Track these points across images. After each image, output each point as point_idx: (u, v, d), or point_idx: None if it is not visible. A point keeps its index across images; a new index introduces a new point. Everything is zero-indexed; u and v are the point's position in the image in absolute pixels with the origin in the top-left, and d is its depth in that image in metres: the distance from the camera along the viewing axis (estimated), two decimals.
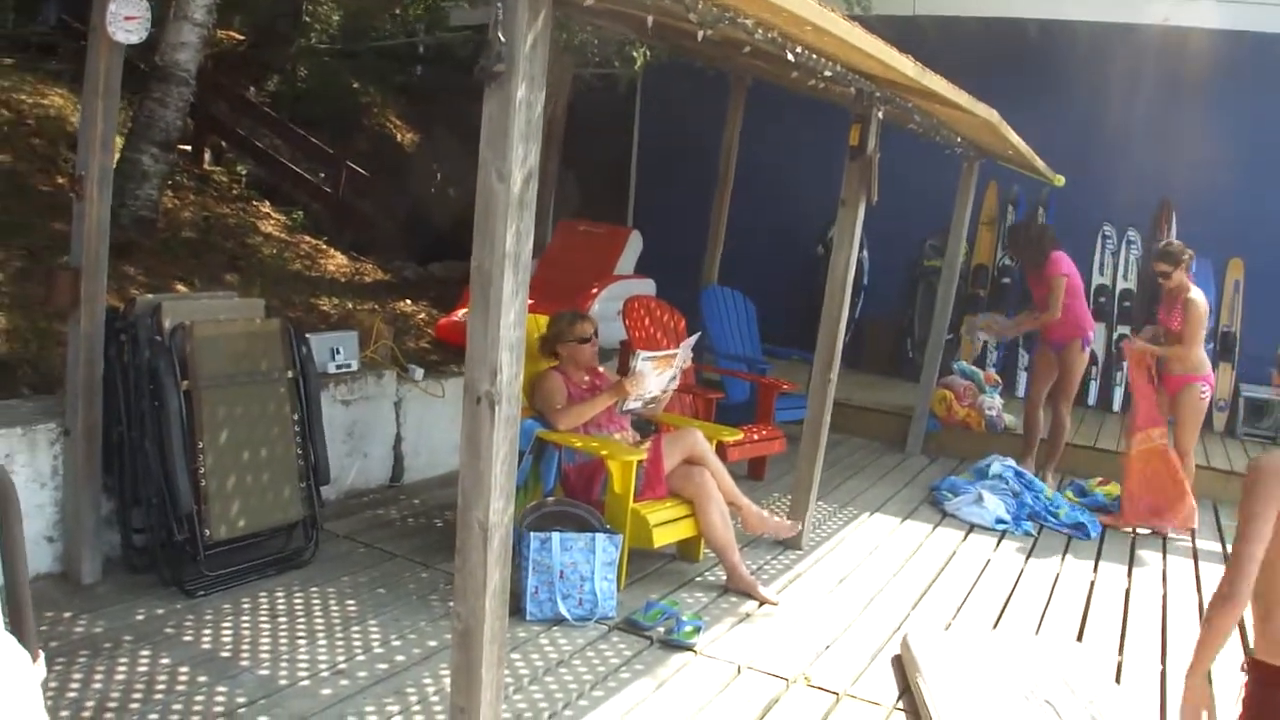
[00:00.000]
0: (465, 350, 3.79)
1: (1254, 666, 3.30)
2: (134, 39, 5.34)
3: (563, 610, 5.54)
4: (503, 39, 3.45)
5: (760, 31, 4.73)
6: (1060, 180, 10.60)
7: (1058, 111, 12.00)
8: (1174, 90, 12.26)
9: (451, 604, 4.12)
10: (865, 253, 13.21)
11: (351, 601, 5.65)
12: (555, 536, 5.61)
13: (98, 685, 4.51)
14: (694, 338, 7.08)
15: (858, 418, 10.89)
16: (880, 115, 6.63)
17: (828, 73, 5.63)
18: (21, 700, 2.23)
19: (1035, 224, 10.49)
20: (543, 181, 12.61)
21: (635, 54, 10.59)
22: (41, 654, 2.42)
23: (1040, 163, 9.91)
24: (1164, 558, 7.96)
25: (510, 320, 3.67)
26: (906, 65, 5.72)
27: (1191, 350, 8.39)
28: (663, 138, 14.48)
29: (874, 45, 5.24)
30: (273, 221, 11.98)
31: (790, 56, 5.12)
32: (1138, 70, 12.30)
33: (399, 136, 16.72)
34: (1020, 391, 12.08)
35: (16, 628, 2.36)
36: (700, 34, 4.53)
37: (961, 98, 6.74)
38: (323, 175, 13.78)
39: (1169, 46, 11.96)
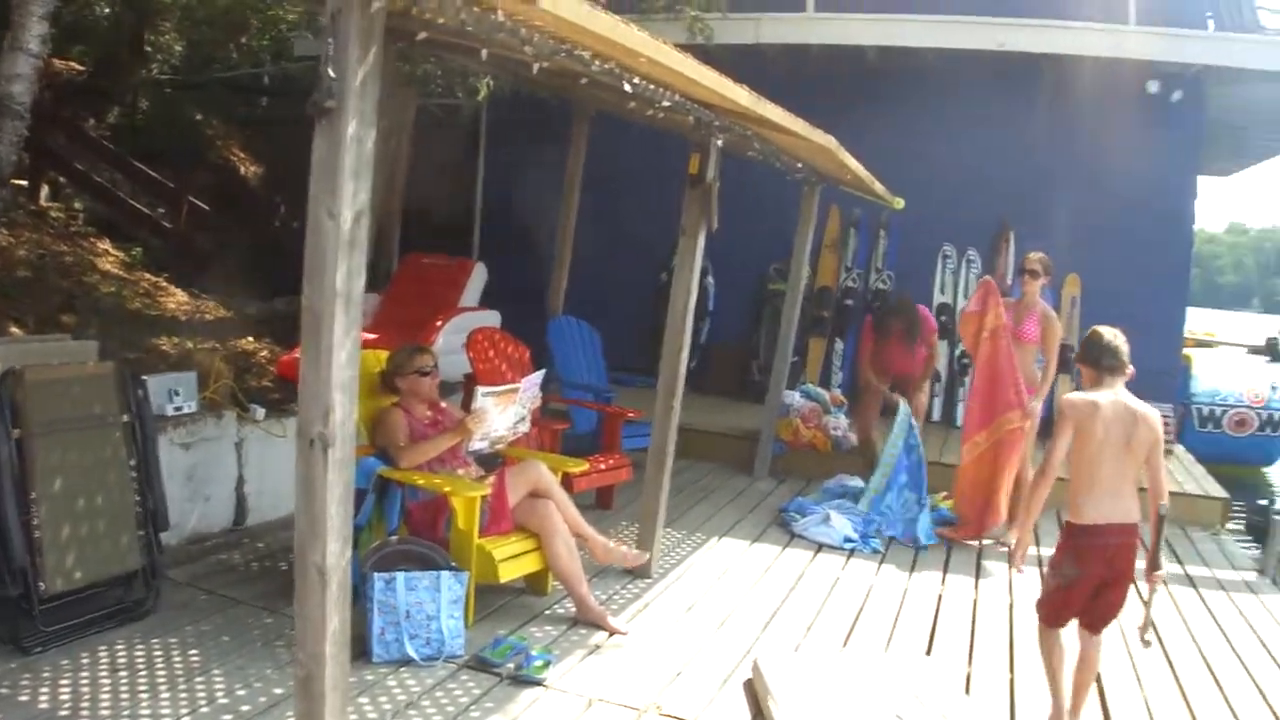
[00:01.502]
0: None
1: (1066, 526, 5.21)
2: None
3: (410, 651, 5.47)
4: (333, 74, 3.43)
5: (597, 63, 4.77)
6: (900, 203, 10.80)
7: (899, 135, 12.27)
8: (1010, 113, 12.64)
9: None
10: (710, 278, 13.38)
11: (195, 651, 5.50)
12: (400, 576, 5.54)
13: None
14: (539, 375, 7.03)
15: (705, 442, 10.95)
16: (719, 143, 6.71)
17: (666, 102, 5.69)
18: None
19: (898, 298, 10.66)
20: (387, 214, 12.61)
21: (479, 85, 10.59)
22: None
23: (879, 186, 10.09)
24: (1010, 568, 8.13)
25: (342, 360, 3.62)
26: (741, 95, 5.80)
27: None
28: (508, 168, 14.47)
29: (708, 75, 5.31)
30: (111, 259, 11.74)
31: (628, 87, 5.16)
32: (975, 94, 12.64)
33: (243, 169, 16.50)
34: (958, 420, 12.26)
35: None
36: (536, 66, 4.55)
37: (797, 125, 6.85)
38: (163, 210, 13.54)
39: (1005, 71, 12.31)
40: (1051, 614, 5.29)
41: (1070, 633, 5.29)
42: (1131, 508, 5.05)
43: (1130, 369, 5.20)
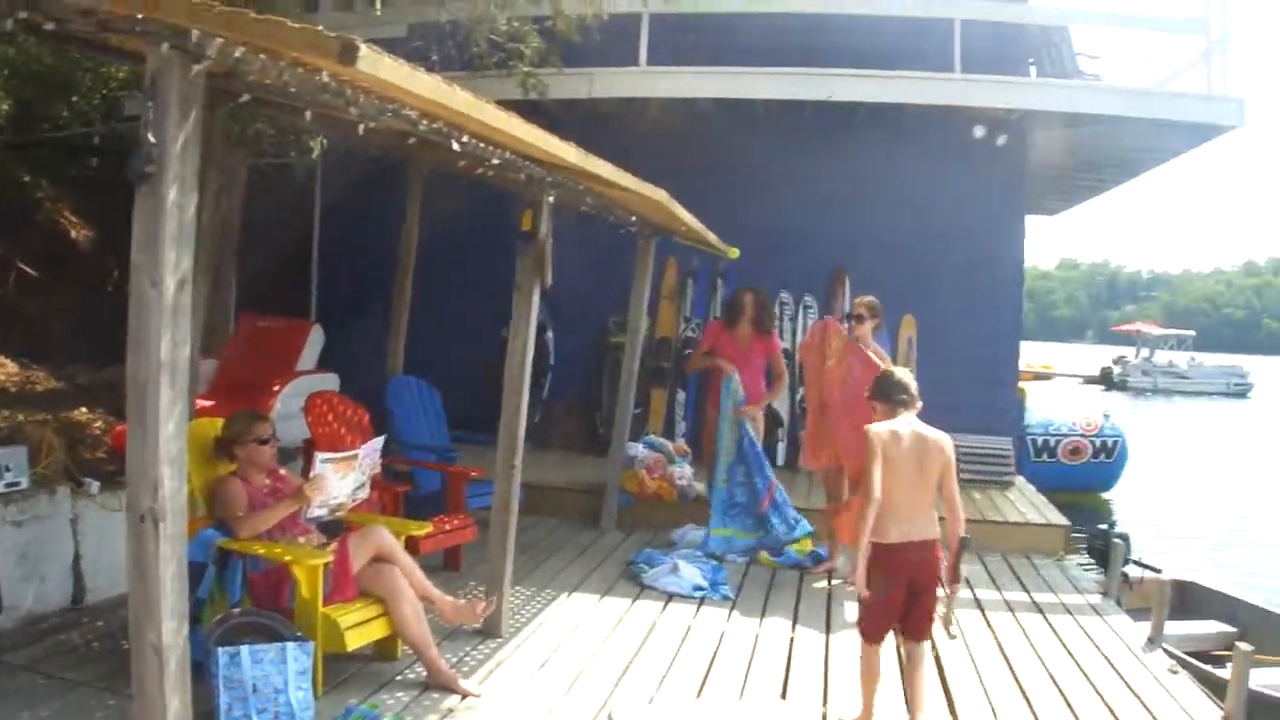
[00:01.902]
0: None
1: (873, 547, 5.57)
2: None
3: None
4: (153, 139, 3.36)
5: (425, 122, 4.75)
6: (735, 252, 10.93)
7: (734, 185, 12.50)
8: (842, 160, 12.94)
9: None
10: (550, 333, 13.36)
11: None
12: (244, 650, 5.40)
13: None
14: (379, 440, 6.91)
15: (551, 498, 10.88)
16: (551, 199, 6.72)
17: (496, 160, 5.69)
18: None
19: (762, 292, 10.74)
20: (222, 277, 12.39)
21: (312, 144, 10.47)
22: None
23: (713, 236, 10.21)
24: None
25: (170, 432, 3.54)
26: (569, 151, 5.83)
27: None
28: (344, 228, 14.32)
29: (534, 133, 5.33)
30: None
31: (456, 146, 5.15)
32: (807, 143, 12.90)
33: (74, 232, 16.06)
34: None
35: None
36: (362, 127, 4.52)
37: (627, 180, 6.90)
38: None
39: (835, 120, 12.58)
40: (873, 629, 5.78)
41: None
42: (929, 526, 5.64)
43: (919, 403, 5.79)
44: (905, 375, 5.85)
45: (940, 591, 5.81)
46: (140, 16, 3.55)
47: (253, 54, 3.66)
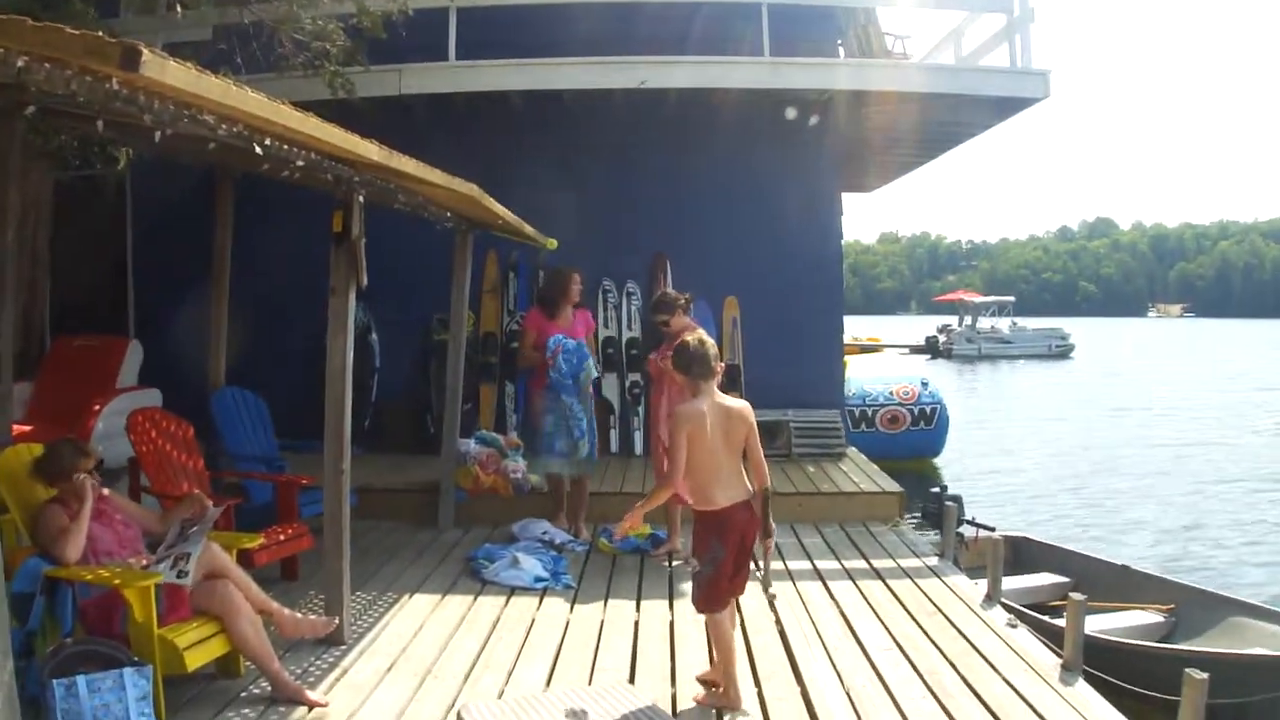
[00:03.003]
0: None
1: (696, 514, 5.97)
2: None
3: None
4: None
5: (224, 127, 4.66)
6: (553, 244, 10.96)
7: (551, 176, 12.51)
8: (658, 146, 13.03)
9: None
10: (374, 335, 13.24)
11: None
12: (80, 680, 5.23)
13: None
14: (214, 514, 6.52)
15: (386, 500, 10.79)
16: (362, 199, 6.66)
17: (300, 162, 5.61)
18: None
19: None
20: (33, 297, 12.01)
21: (118, 154, 10.21)
22: None
23: (530, 229, 10.21)
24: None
25: None
26: (372, 150, 5.79)
27: None
28: (158, 239, 13.97)
29: (334, 133, 5.29)
30: None
31: (258, 149, 5.07)
32: (622, 131, 12.96)
33: None
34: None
35: None
36: (158, 134, 4.42)
37: (435, 175, 6.88)
38: None
39: (648, 107, 12.66)
40: (715, 599, 5.96)
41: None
42: (745, 486, 5.90)
43: (719, 368, 5.97)
44: (703, 344, 5.95)
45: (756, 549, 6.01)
46: None
47: (36, 63, 3.55)
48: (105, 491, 6.41)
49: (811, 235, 13.38)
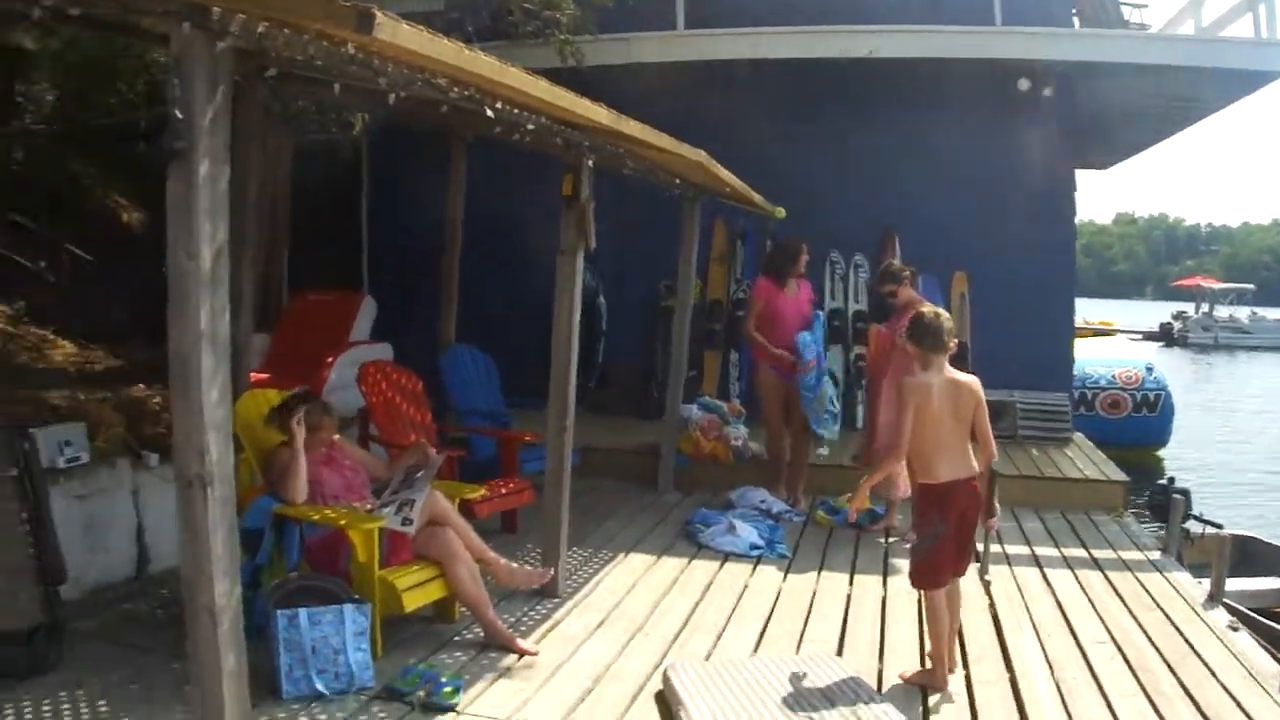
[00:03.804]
0: None
1: (919, 487, 5.90)
2: None
3: (319, 686, 5.42)
4: (180, 115, 3.40)
5: (455, 90, 4.77)
6: (781, 212, 10.91)
7: (778, 145, 12.40)
8: (887, 117, 12.82)
9: None
10: (602, 298, 13.37)
11: (102, 702, 5.39)
12: (302, 612, 5.49)
13: None
14: (438, 460, 6.80)
15: (608, 461, 10.96)
16: (591, 163, 6.75)
17: (530, 125, 5.70)
18: None
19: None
20: (273, 253, 12.48)
21: (353, 119, 10.51)
22: None
23: (758, 197, 10.18)
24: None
25: (214, 399, 3.60)
26: (600, 113, 5.85)
27: None
28: (392, 200, 14.39)
29: (564, 96, 5.36)
30: None
31: (490, 112, 5.17)
32: (851, 101, 12.81)
33: (125, 216, 16.25)
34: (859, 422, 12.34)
35: None
36: (392, 96, 4.54)
37: (664, 140, 6.91)
38: (44, 263, 13.34)
39: (879, 76, 12.48)
40: (932, 575, 5.89)
41: None
42: (971, 463, 5.80)
43: (953, 344, 5.86)
44: (939, 317, 5.89)
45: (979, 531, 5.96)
46: None
47: (276, 29, 3.70)
48: (336, 438, 6.66)
49: (1043, 212, 12.99)
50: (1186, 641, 6.75)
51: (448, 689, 5.43)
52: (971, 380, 5.85)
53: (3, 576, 5.70)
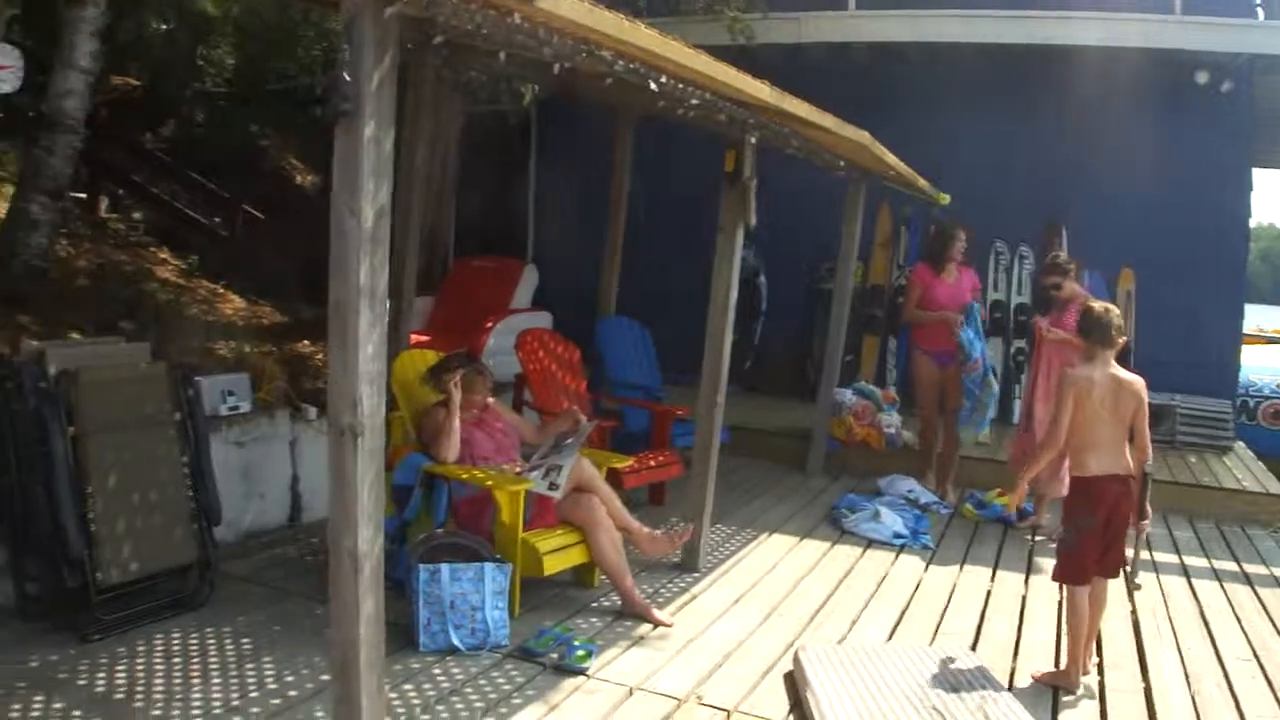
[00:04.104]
0: None
1: (1074, 480, 5.84)
2: (5, 89, 5.40)
3: (455, 640, 5.58)
4: (348, 78, 3.52)
5: (620, 63, 4.83)
6: (945, 198, 10.82)
7: (945, 131, 12.23)
8: (1056, 106, 12.57)
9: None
10: (762, 278, 13.38)
11: (246, 640, 5.65)
12: (444, 568, 5.64)
13: None
14: (588, 427, 6.85)
15: (759, 441, 10.99)
16: (754, 140, 6.77)
17: (695, 101, 5.74)
18: None
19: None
20: (439, 219, 12.72)
21: (523, 90, 10.65)
22: None
23: (923, 182, 10.12)
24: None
25: (369, 353, 3.72)
26: (763, 90, 5.86)
27: None
28: (558, 171, 14.52)
29: (726, 71, 5.38)
30: (169, 267, 11.93)
31: (654, 86, 5.23)
32: (1020, 89, 12.59)
33: (298, 178, 16.71)
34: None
35: None
36: (556, 67, 4.62)
37: (827, 120, 6.90)
38: (219, 219, 13.77)
39: (1050, 64, 12.26)
40: (1075, 571, 5.79)
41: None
42: (1125, 461, 5.71)
43: (1121, 340, 5.80)
44: (1108, 313, 5.84)
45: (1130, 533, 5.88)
46: None
47: None
48: (490, 401, 6.80)
49: (1215, 211, 12.55)
50: None
51: (580, 653, 5.53)
52: (1136, 380, 5.77)
53: (162, 514, 5.97)
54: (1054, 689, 5.73)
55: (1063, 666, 5.85)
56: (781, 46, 12.48)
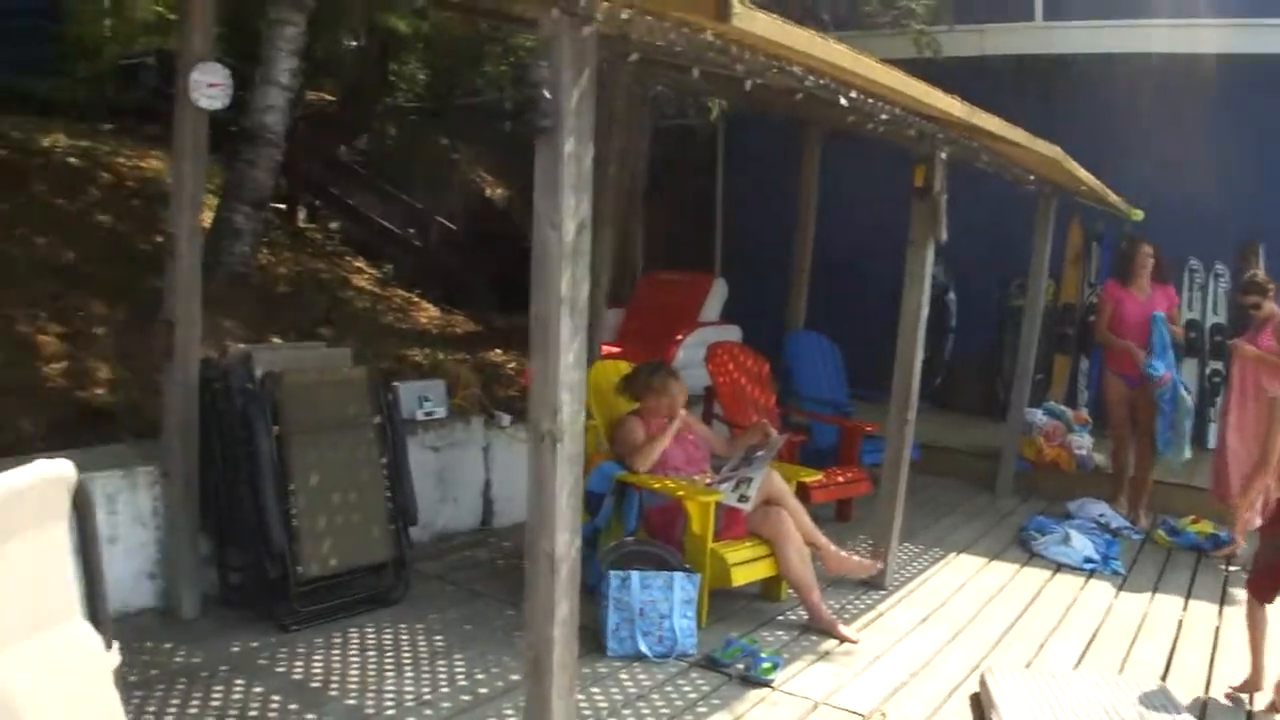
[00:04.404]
0: None
1: (1276, 501, 5.64)
2: (216, 105, 5.62)
3: (642, 647, 5.66)
4: (548, 95, 3.61)
5: (810, 78, 4.85)
6: (1138, 214, 10.58)
7: (1137, 144, 11.93)
8: (1254, 119, 12.15)
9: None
10: (952, 294, 13.22)
11: (439, 637, 5.84)
12: (634, 575, 5.74)
13: (194, 711, 4.79)
14: (778, 441, 6.93)
15: (947, 459, 10.87)
16: (944, 155, 6.73)
17: (884, 116, 5.74)
18: (96, 681, 2.50)
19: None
20: (628, 232, 12.84)
21: (710, 105, 10.69)
22: (115, 643, 2.60)
23: (1114, 197, 9.92)
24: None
25: (569, 362, 3.82)
26: (954, 105, 5.82)
27: None
28: (746, 185, 14.55)
29: (916, 86, 5.37)
30: (365, 276, 12.28)
31: (844, 101, 5.23)
32: (1214, 100, 12.21)
33: (488, 191, 17.04)
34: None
35: (93, 618, 2.56)
36: (748, 83, 4.66)
37: (1017, 135, 6.82)
38: (412, 230, 14.12)
39: (1245, 74, 11.87)
40: (1267, 587, 5.66)
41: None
42: None
43: None
44: None
45: None
46: None
47: (638, 15, 3.86)
48: (682, 412, 6.86)
49: None
50: None
51: (766, 665, 5.55)
52: None
53: (360, 513, 6.19)
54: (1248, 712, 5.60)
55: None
56: (963, 59, 12.31)
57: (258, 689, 5.05)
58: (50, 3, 13.64)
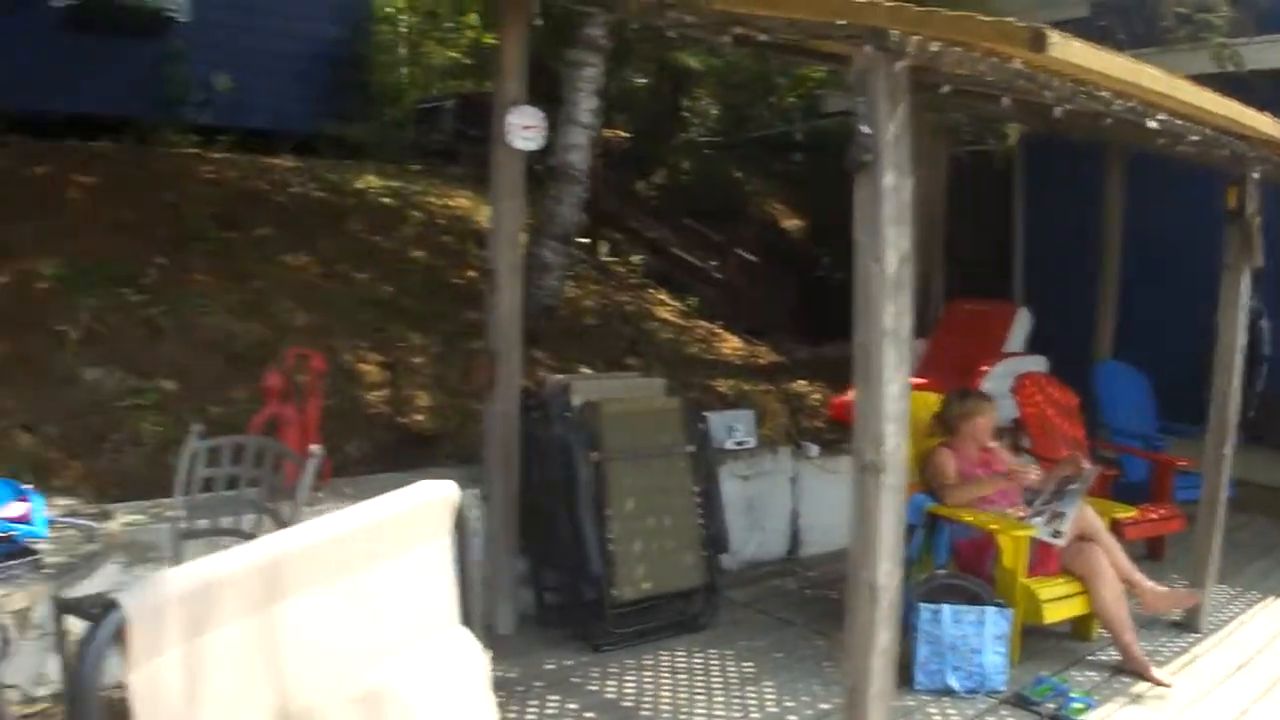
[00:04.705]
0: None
1: None
2: (532, 146, 5.91)
3: (951, 681, 5.64)
4: (867, 130, 3.68)
5: (1119, 103, 4.79)
6: None
7: None
8: None
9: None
10: (1265, 321, 12.67)
11: (748, 663, 5.95)
12: (946, 609, 5.72)
13: None
14: (1092, 473, 6.77)
15: (1266, 496, 10.36)
16: (1256, 175, 6.50)
17: (1194, 137, 5.59)
18: (475, 681, 2.70)
19: None
20: (928, 262, 12.75)
21: (1008, 130, 10.56)
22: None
23: None
24: None
25: (893, 393, 3.87)
26: (1265, 124, 5.64)
27: None
28: (1045, 212, 14.25)
29: (1230, 107, 5.24)
30: (668, 308, 12.50)
31: (1152, 124, 5.13)
32: None
33: (782, 222, 17.15)
34: None
35: (467, 623, 2.75)
36: (1058, 110, 4.63)
37: None
38: (712, 263, 14.32)
39: None
40: None
41: None
42: None
43: None
44: None
45: None
46: (842, 23, 3.95)
47: (948, 48, 3.91)
48: (993, 445, 6.81)
49: None
50: None
51: (1077, 705, 5.48)
52: None
53: (674, 539, 6.39)
54: None
55: None
56: (1266, 72, 11.77)
57: (571, 705, 5.28)
58: (356, 54, 14.47)
